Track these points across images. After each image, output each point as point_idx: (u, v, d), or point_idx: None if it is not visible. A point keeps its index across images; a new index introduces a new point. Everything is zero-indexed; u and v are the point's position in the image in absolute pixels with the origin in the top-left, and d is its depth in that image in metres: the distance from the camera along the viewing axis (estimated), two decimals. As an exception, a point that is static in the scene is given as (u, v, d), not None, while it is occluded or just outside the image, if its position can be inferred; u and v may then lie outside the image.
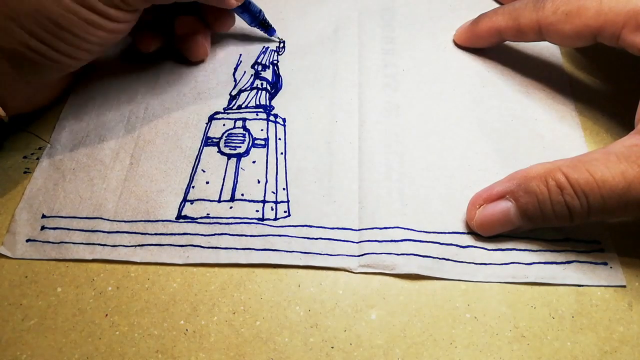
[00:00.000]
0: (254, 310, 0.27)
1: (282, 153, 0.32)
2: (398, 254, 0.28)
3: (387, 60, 0.37)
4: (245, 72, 0.37)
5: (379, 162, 0.31)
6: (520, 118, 0.33)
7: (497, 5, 0.39)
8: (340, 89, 0.35)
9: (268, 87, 0.36)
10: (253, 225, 0.29)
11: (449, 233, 0.29)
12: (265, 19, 0.37)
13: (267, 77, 0.37)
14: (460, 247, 0.28)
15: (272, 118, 0.34)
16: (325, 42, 0.38)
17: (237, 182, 0.31)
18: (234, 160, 0.32)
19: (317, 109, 0.34)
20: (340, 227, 0.29)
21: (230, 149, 0.33)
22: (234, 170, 0.32)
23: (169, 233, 0.29)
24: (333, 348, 0.26)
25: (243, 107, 0.35)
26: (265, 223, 0.29)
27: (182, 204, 0.30)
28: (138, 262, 0.28)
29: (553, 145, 0.32)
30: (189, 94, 0.36)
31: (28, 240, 0.29)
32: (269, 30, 0.38)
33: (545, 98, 0.35)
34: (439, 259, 0.28)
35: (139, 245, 0.29)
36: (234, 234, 0.29)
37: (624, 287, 0.27)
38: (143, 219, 0.30)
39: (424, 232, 0.29)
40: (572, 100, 0.34)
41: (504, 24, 0.33)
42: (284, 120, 0.34)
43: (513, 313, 0.26)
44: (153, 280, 0.28)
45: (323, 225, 0.29)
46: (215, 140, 0.33)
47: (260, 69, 0.37)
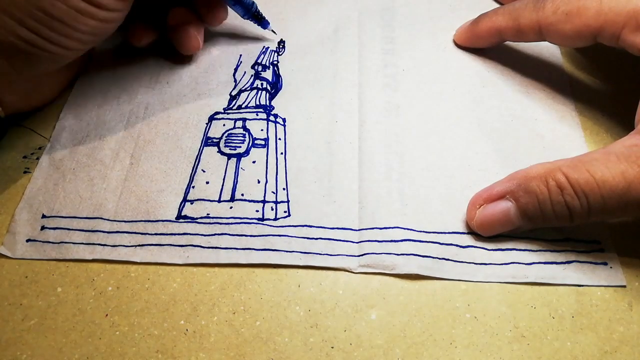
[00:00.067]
0: (254, 310, 0.27)
1: (282, 153, 0.32)
2: (398, 254, 0.28)
3: (387, 60, 0.37)
4: (246, 72, 0.37)
5: (379, 162, 0.31)
6: (520, 118, 0.33)
7: (497, 5, 0.39)
8: (340, 89, 0.35)
9: (268, 87, 0.36)
10: (253, 225, 0.29)
11: (449, 233, 0.29)
12: (259, 12, 0.37)
13: (267, 77, 0.37)
14: (460, 247, 0.28)
15: (272, 118, 0.34)
16: (325, 42, 0.38)
17: (237, 182, 0.31)
18: (234, 160, 0.32)
19: (317, 109, 0.34)
20: (340, 227, 0.29)
21: (230, 149, 0.33)
22: (234, 170, 0.32)
23: (169, 233, 0.29)
24: (333, 348, 0.26)
25: (243, 107, 0.35)
26: (265, 223, 0.29)
27: (182, 204, 0.30)
28: (138, 262, 0.28)
29: (553, 145, 0.32)
30: (189, 94, 0.36)
31: (28, 240, 0.29)
32: (263, 23, 0.37)
33: (545, 98, 0.35)
34: (439, 259, 0.28)
35: (139, 245, 0.29)
36: (234, 234, 0.29)
37: (624, 287, 0.27)
38: (143, 219, 0.30)
39: (424, 232, 0.29)
40: (572, 100, 0.34)
41: (504, 24, 0.33)
42: (284, 120, 0.34)
43: (513, 313, 0.26)
44: (153, 280, 0.28)
45: (323, 225, 0.29)
46: (215, 140, 0.33)
47: (260, 69, 0.37)
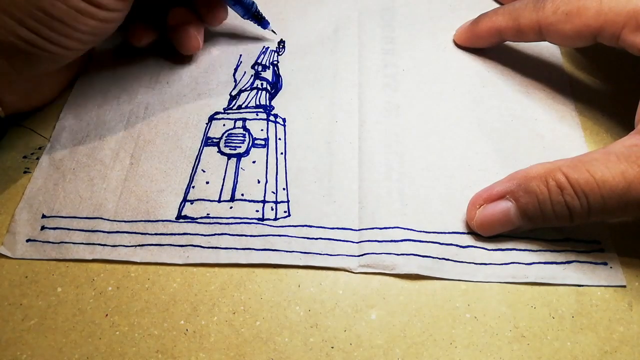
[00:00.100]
0: (254, 310, 0.27)
1: (282, 153, 0.32)
2: (398, 254, 0.28)
3: (387, 60, 0.37)
4: (245, 72, 0.37)
5: (379, 162, 0.31)
6: (520, 118, 0.33)
7: (497, 5, 0.39)
8: (340, 89, 0.35)
9: (268, 87, 0.36)
10: (253, 225, 0.29)
11: (449, 233, 0.29)
12: (259, 12, 0.37)
13: (267, 77, 0.37)
14: (460, 247, 0.28)
15: (272, 118, 0.34)
16: (325, 42, 0.38)
17: (237, 182, 0.31)
18: (234, 160, 0.32)
19: (317, 109, 0.34)
20: (340, 227, 0.29)
21: (230, 149, 0.33)
22: (234, 170, 0.32)
23: (169, 233, 0.29)
24: (333, 348, 0.26)
25: (243, 107, 0.35)
26: (265, 223, 0.29)
27: (182, 204, 0.30)
28: (138, 262, 0.28)
29: (553, 145, 0.32)
30: (189, 94, 0.36)
31: (28, 240, 0.29)
32: (263, 23, 0.37)
33: (545, 98, 0.35)
34: (439, 259, 0.28)
35: (139, 245, 0.29)
36: (234, 234, 0.29)
37: (624, 287, 0.27)
38: (143, 219, 0.30)
39: (424, 232, 0.29)
40: (572, 100, 0.34)
41: (504, 24, 0.33)
42: (284, 120, 0.34)
43: (513, 313, 0.26)
44: (153, 280, 0.28)
45: (323, 225, 0.29)
46: (215, 140, 0.33)
47: (260, 69, 0.37)
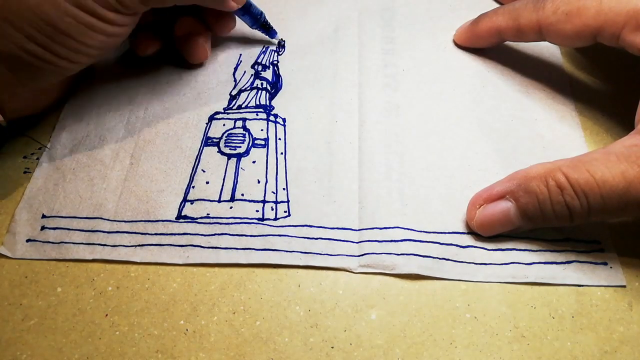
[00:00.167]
0: (254, 310, 0.27)
1: (282, 153, 0.32)
2: (398, 254, 0.28)
3: (387, 60, 0.37)
4: (245, 72, 0.37)
5: (379, 162, 0.31)
6: (520, 118, 0.33)
7: (497, 5, 0.39)
8: (340, 89, 0.35)
9: (268, 87, 0.36)
10: (253, 225, 0.29)
11: (449, 233, 0.29)
12: (267, 21, 0.37)
13: (267, 77, 0.37)
14: (460, 247, 0.28)
15: (272, 118, 0.34)
16: (325, 42, 0.38)
17: (237, 182, 0.31)
18: (234, 160, 0.32)
19: (317, 109, 0.34)
20: (340, 227, 0.29)
21: (230, 149, 0.33)
22: (234, 170, 0.32)
23: (169, 233, 0.29)
24: (333, 348, 0.26)
25: (243, 107, 0.35)
26: (265, 223, 0.29)
27: (182, 204, 0.30)
28: (138, 262, 0.28)
29: (553, 145, 0.32)
30: (189, 94, 0.36)
31: (28, 240, 0.29)
32: (270, 33, 0.38)
33: (545, 98, 0.35)
34: (439, 259, 0.28)
35: (139, 245, 0.29)
36: (234, 234, 0.29)
37: (624, 287, 0.27)
38: (143, 219, 0.30)
39: (424, 232, 0.29)
40: (572, 100, 0.34)
41: (504, 24, 0.33)
42: (284, 120, 0.34)
43: (513, 313, 0.26)
44: (153, 280, 0.28)
45: (323, 225, 0.29)
46: (215, 140, 0.33)
47: (261, 69, 0.37)
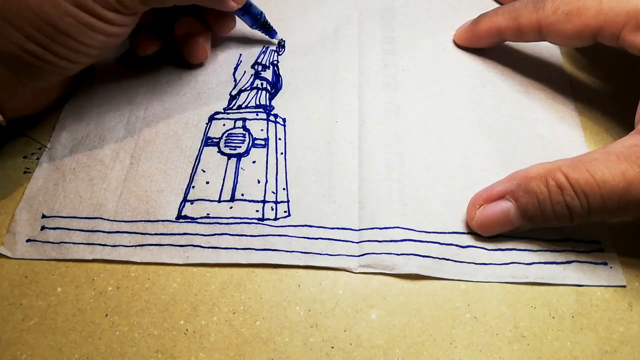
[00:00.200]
0: (254, 310, 0.27)
1: (282, 153, 0.32)
2: (398, 254, 0.28)
3: (387, 60, 0.37)
4: (245, 72, 0.37)
5: (379, 162, 0.31)
6: (520, 118, 0.33)
7: (497, 5, 0.39)
8: (340, 89, 0.35)
9: (268, 87, 0.36)
10: (253, 225, 0.29)
11: (449, 233, 0.29)
12: (267, 22, 0.37)
13: (267, 77, 0.37)
14: (460, 247, 0.28)
15: (272, 118, 0.34)
16: (325, 42, 0.38)
17: (237, 182, 0.31)
18: (234, 160, 0.32)
19: (317, 109, 0.34)
20: (340, 227, 0.29)
21: (230, 149, 0.33)
22: (234, 170, 0.32)
23: (169, 233, 0.29)
24: (333, 348, 0.26)
25: (243, 107, 0.35)
26: (265, 223, 0.29)
27: (182, 204, 0.30)
28: (138, 262, 0.28)
29: (553, 145, 0.32)
30: (189, 94, 0.36)
31: (28, 240, 0.29)
32: (270, 33, 0.38)
33: (545, 98, 0.35)
34: (439, 259, 0.28)
35: (139, 245, 0.29)
36: (234, 234, 0.29)
37: (624, 287, 0.27)
38: (143, 219, 0.30)
39: (424, 232, 0.29)
40: (572, 100, 0.34)
41: (504, 24, 0.33)
42: (284, 120, 0.34)
43: (513, 313, 0.26)
44: (153, 280, 0.28)
45: (323, 225, 0.29)
46: (215, 140, 0.33)
47: (260, 69, 0.37)
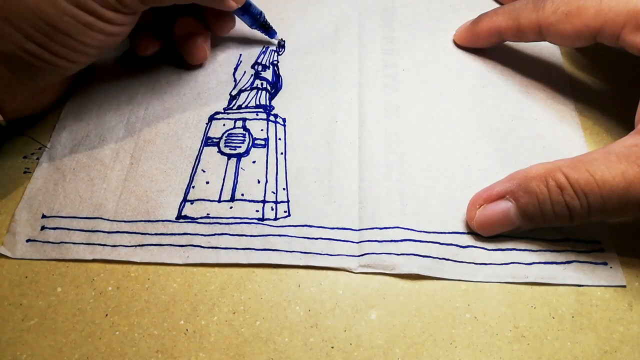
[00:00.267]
0: (254, 310, 0.27)
1: (282, 153, 0.32)
2: (398, 254, 0.28)
3: (387, 60, 0.37)
4: (245, 72, 0.37)
5: (379, 162, 0.31)
6: (520, 118, 0.33)
7: (497, 5, 0.39)
8: (340, 89, 0.35)
9: (268, 87, 0.36)
10: (253, 225, 0.29)
11: (449, 233, 0.29)
12: (266, 21, 0.37)
13: (267, 77, 0.37)
14: (460, 247, 0.28)
15: (272, 118, 0.34)
16: (325, 42, 0.38)
17: (237, 182, 0.31)
18: (234, 160, 0.32)
19: (317, 109, 0.34)
20: (340, 227, 0.29)
21: (230, 149, 0.33)
22: (234, 170, 0.32)
23: (169, 233, 0.29)
24: (333, 348, 0.26)
25: (243, 107, 0.35)
26: (265, 223, 0.29)
27: (182, 204, 0.30)
28: (138, 262, 0.28)
29: (553, 145, 0.32)
30: (189, 94, 0.36)
31: (28, 241, 0.29)
32: (270, 32, 0.38)
33: (545, 98, 0.35)
34: (439, 259, 0.28)
35: (139, 245, 0.29)
36: (234, 234, 0.29)
37: (624, 287, 0.27)
38: (143, 219, 0.30)
39: (424, 232, 0.29)
40: (572, 100, 0.34)
41: (504, 24, 0.33)
42: (284, 120, 0.34)
43: (513, 313, 0.26)
44: (153, 280, 0.28)
45: (323, 225, 0.29)
46: (216, 140, 0.33)
47: (261, 69, 0.37)
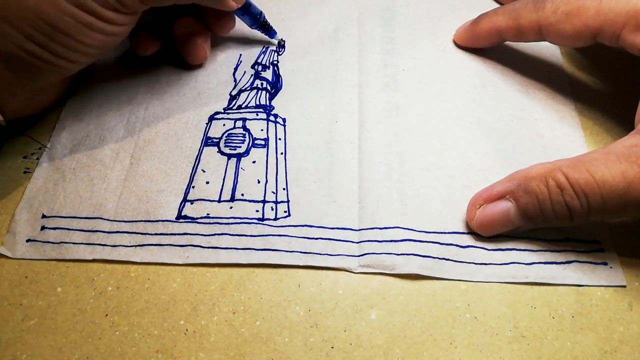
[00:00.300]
0: (254, 310, 0.27)
1: (282, 153, 0.32)
2: (398, 254, 0.28)
3: (387, 60, 0.37)
4: (245, 72, 0.37)
5: (379, 162, 0.31)
6: (520, 118, 0.33)
7: (497, 5, 0.39)
8: (340, 89, 0.35)
9: (268, 87, 0.36)
10: (253, 225, 0.29)
11: (449, 233, 0.29)
12: (266, 21, 0.37)
13: (267, 77, 0.37)
14: (460, 247, 0.28)
15: (272, 118, 0.34)
16: (325, 42, 0.38)
17: (237, 182, 0.31)
18: (234, 160, 0.32)
19: (317, 109, 0.34)
20: (340, 227, 0.29)
21: (230, 149, 0.33)
22: (234, 170, 0.32)
23: (169, 233, 0.29)
24: (333, 348, 0.26)
25: (243, 107, 0.35)
26: (266, 223, 0.29)
27: (182, 204, 0.30)
28: (138, 262, 0.28)
29: (553, 145, 0.32)
30: (189, 94, 0.36)
31: (28, 240, 0.29)
32: (270, 32, 0.38)
33: (545, 98, 0.35)
34: (439, 259, 0.28)
35: (139, 245, 0.29)
36: (234, 234, 0.29)
37: (624, 287, 0.27)
38: (143, 219, 0.30)
39: (424, 232, 0.29)
40: (572, 100, 0.34)
41: (504, 24, 0.33)
42: (284, 120, 0.34)
43: (513, 313, 0.26)
44: (153, 280, 0.28)
45: (323, 225, 0.29)
46: (216, 140, 0.33)
47: (261, 69, 0.37)
